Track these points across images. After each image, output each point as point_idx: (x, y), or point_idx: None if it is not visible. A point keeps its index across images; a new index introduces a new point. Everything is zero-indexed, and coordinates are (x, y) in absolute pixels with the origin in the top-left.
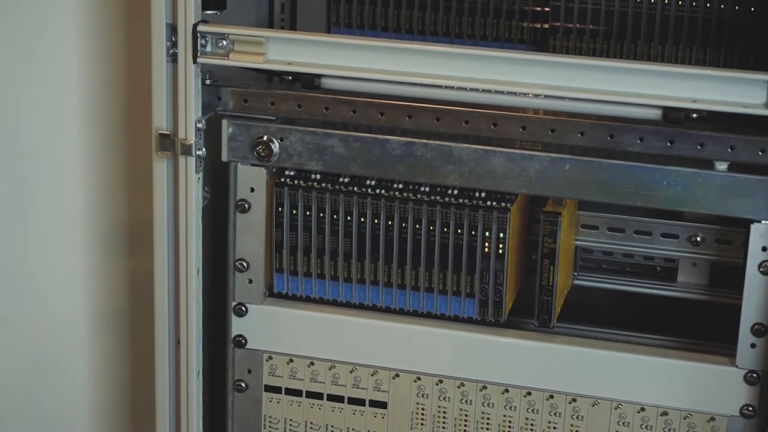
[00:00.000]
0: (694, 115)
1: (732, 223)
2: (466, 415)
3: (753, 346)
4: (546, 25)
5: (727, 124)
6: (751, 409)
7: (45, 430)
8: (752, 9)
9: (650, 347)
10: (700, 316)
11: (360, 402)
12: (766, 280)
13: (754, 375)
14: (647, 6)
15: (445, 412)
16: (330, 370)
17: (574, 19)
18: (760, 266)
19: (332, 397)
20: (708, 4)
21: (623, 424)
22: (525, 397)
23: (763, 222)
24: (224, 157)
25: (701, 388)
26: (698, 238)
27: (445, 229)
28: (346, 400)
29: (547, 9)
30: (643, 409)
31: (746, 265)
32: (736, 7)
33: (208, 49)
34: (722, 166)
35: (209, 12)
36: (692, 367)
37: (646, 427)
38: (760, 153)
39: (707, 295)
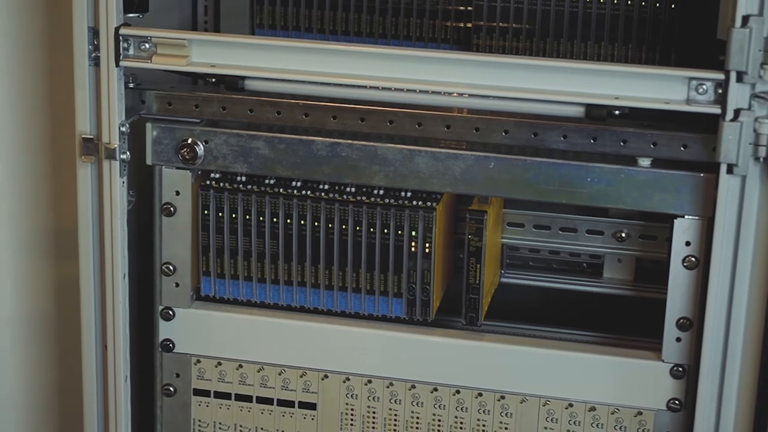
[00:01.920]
0: (617, 112)
1: (656, 218)
2: (395, 415)
3: (678, 340)
4: (469, 24)
5: (650, 121)
6: (677, 402)
7: None
8: (672, 6)
9: (577, 343)
10: (626, 312)
11: (289, 404)
12: (690, 275)
13: (680, 369)
14: (569, 4)
15: (374, 412)
16: (258, 372)
17: (497, 17)
18: (683, 261)
19: (261, 400)
20: (629, 2)
21: (551, 420)
22: (454, 395)
23: (686, 217)
24: (149, 161)
25: (628, 383)
26: (623, 234)
27: (372, 229)
28: (275, 402)
29: (470, 8)
30: (571, 405)
31: (670, 260)
32: (657, 5)
33: (131, 52)
34: (645, 162)
35: (131, 15)
36: (619, 362)
37: (574, 422)
38: (682, 148)
39: (633, 291)
